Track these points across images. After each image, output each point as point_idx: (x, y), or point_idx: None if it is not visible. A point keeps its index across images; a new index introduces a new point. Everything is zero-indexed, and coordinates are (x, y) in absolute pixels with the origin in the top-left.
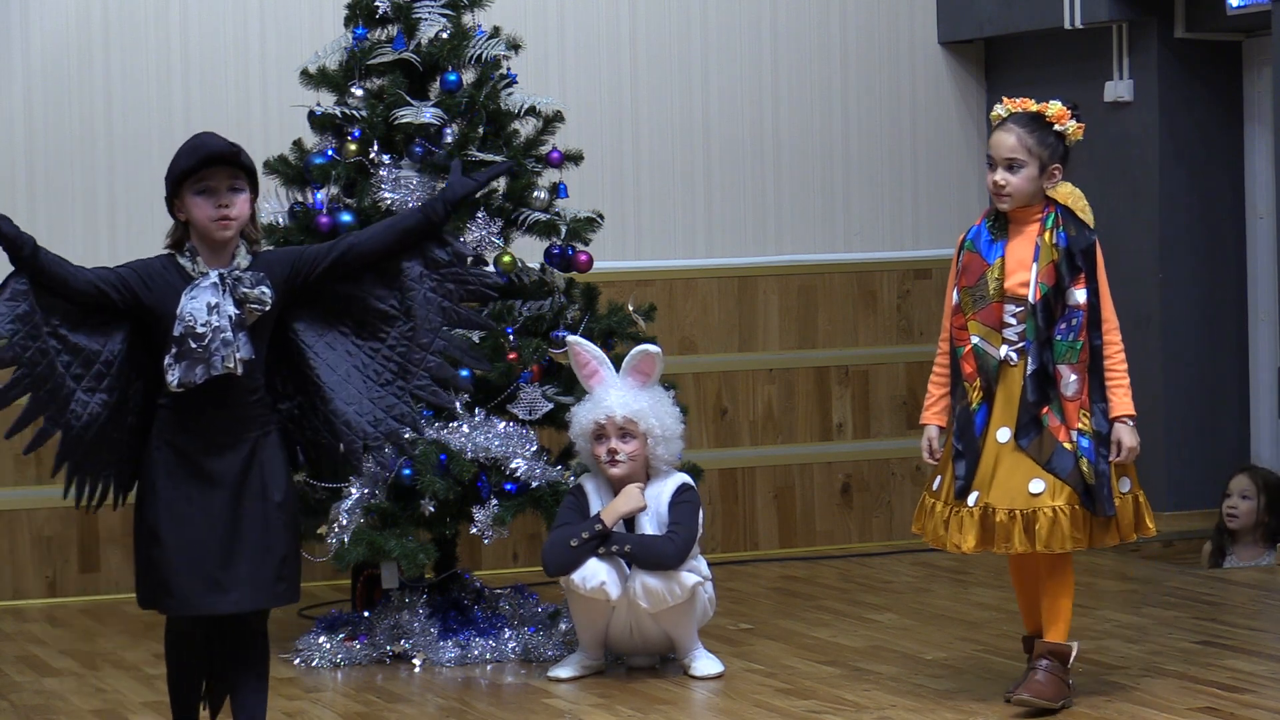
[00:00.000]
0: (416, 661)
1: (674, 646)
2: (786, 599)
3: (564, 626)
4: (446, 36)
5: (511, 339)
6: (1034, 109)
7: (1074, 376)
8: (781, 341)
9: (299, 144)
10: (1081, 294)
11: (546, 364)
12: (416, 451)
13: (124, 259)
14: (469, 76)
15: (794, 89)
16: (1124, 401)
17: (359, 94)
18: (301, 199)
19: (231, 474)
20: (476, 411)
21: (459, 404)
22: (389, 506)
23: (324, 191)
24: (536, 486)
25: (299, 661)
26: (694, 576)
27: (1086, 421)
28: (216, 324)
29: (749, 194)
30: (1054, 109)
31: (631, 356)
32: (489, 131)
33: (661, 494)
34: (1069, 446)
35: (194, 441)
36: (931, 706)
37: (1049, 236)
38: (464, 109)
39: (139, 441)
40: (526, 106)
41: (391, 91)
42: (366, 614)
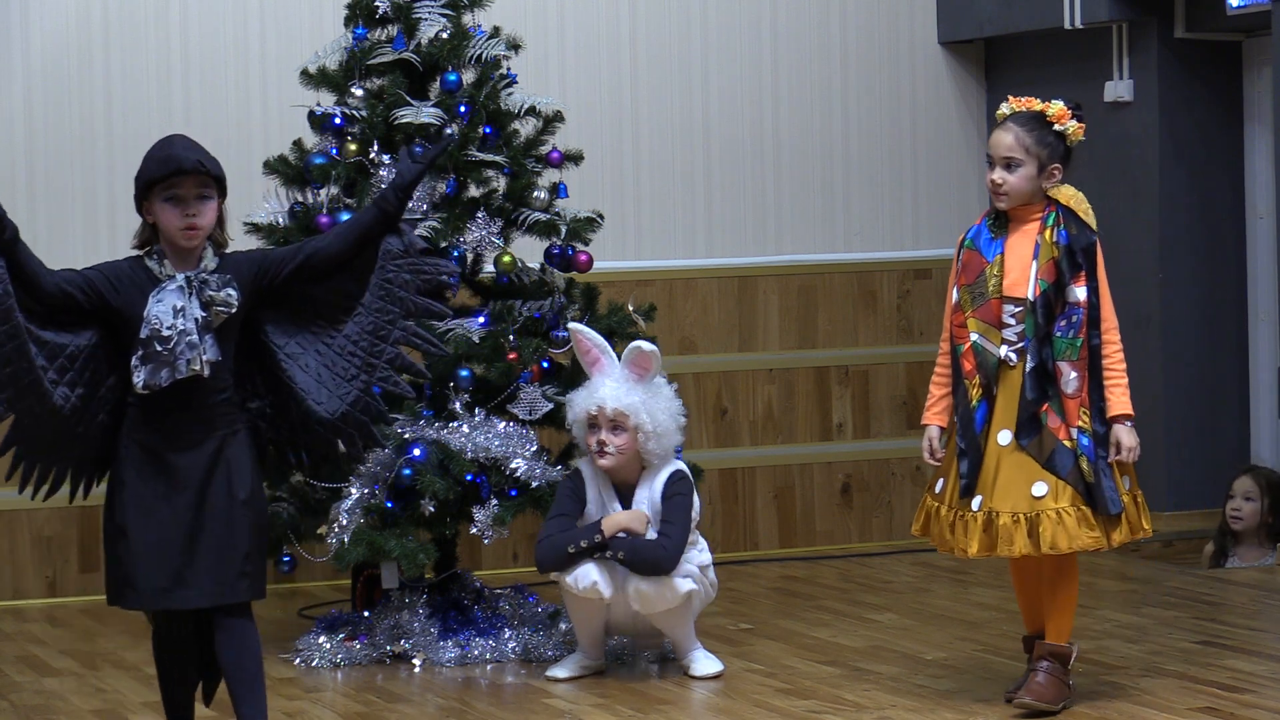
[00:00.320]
0: (416, 661)
1: (673, 645)
2: (786, 599)
3: (564, 626)
4: (446, 36)
5: (511, 339)
6: (1037, 108)
7: (1074, 374)
8: (781, 341)
9: (299, 144)
10: (1082, 291)
11: (546, 364)
12: (386, 444)
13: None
14: (469, 76)
15: (794, 89)
16: (1122, 401)
17: (359, 94)
18: (301, 199)
19: (197, 471)
20: (476, 411)
21: (459, 404)
22: (387, 506)
23: (324, 191)
24: (536, 486)
25: (299, 661)
26: (687, 583)
27: (1086, 420)
28: (182, 327)
29: (749, 194)
30: (1054, 109)
31: (628, 352)
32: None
33: (655, 482)
34: (1069, 445)
35: (161, 439)
36: (931, 706)
37: (1049, 234)
38: (464, 110)
39: (109, 438)
40: (526, 106)
41: (391, 91)
42: (366, 614)
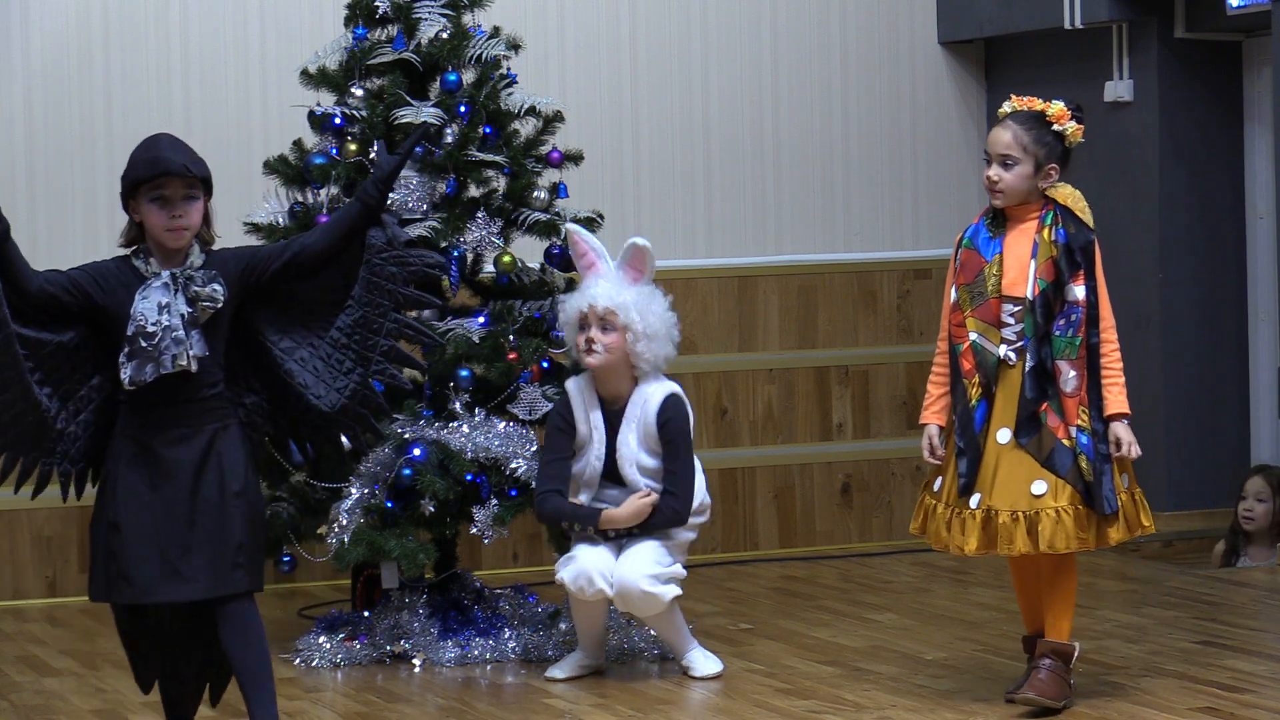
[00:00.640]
0: (416, 661)
1: (668, 646)
2: (786, 599)
3: (564, 626)
4: (446, 36)
5: (511, 339)
6: (1037, 108)
7: (1073, 373)
8: (781, 341)
9: (299, 144)
10: (1080, 290)
11: (546, 364)
12: (384, 436)
13: None
14: (469, 76)
15: (794, 89)
16: (1120, 400)
17: (359, 94)
18: (301, 199)
19: (189, 465)
20: (476, 411)
21: (459, 404)
22: (388, 507)
23: (324, 191)
24: (536, 487)
25: (299, 661)
26: (672, 590)
27: (1085, 418)
28: (167, 323)
29: (749, 194)
30: (1054, 109)
31: (624, 251)
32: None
33: (649, 401)
34: (1068, 444)
35: (153, 434)
36: (931, 706)
37: (1048, 234)
38: (464, 110)
39: (100, 437)
40: (526, 106)
41: (391, 91)
42: (366, 614)
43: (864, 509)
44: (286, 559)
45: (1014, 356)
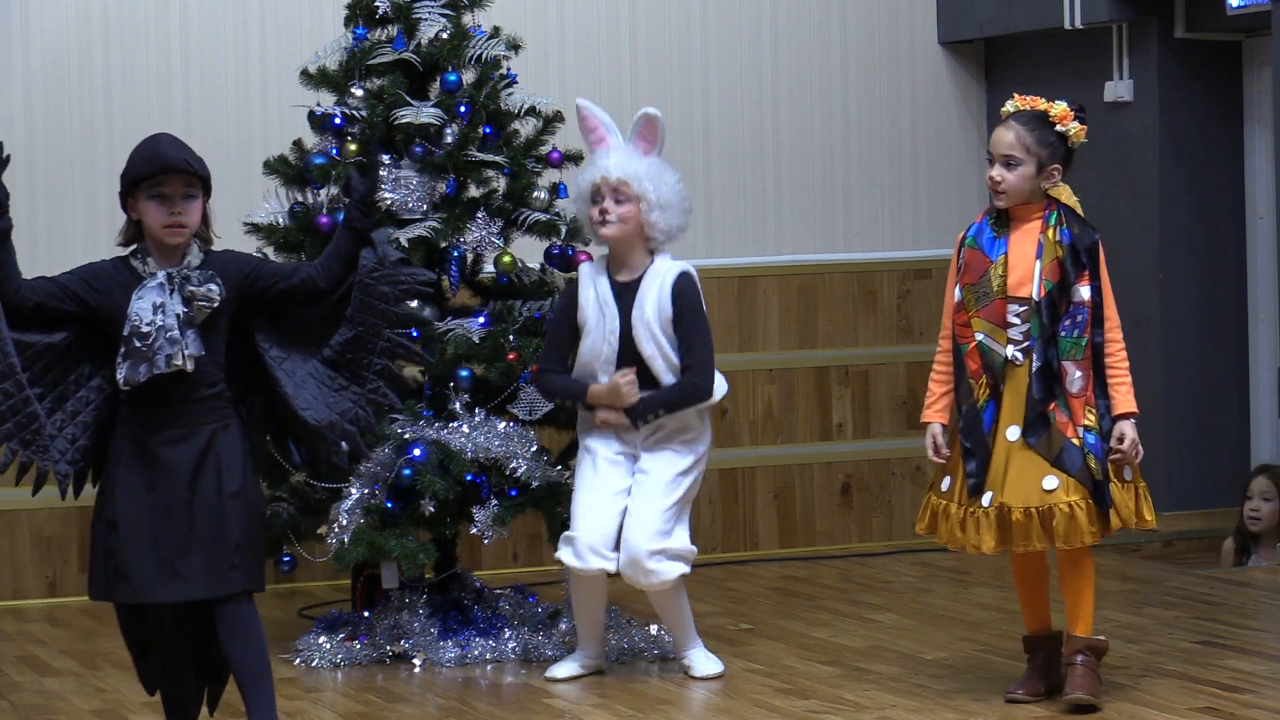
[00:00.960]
0: (416, 661)
1: (670, 636)
2: (786, 599)
3: (564, 626)
4: (446, 36)
5: (511, 339)
6: (1040, 108)
7: (1079, 373)
8: (781, 341)
9: (299, 144)
10: (1086, 290)
11: None
12: (373, 453)
13: None
14: (469, 76)
15: (794, 89)
16: (1127, 399)
17: (359, 94)
18: (301, 199)
19: (187, 464)
20: (476, 411)
21: (459, 404)
22: (389, 507)
23: (324, 191)
24: (536, 486)
25: (299, 661)
26: (678, 567)
27: (1092, 418)
28: (161, 323)
29: (749, 194)
30: (1057, 109)
31: (635, 123)
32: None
33: (663, 278)
34: (1076, 443)
35: (152, 434)
36: (931, 706)
37: (1052, 234)
38: (464, 110)
39: (99, 436)
40: (526, 106)
41: (391, 91)
42: (366, 614)
43: (864, 509)
44: (286, 559)
45: (1021, 357)
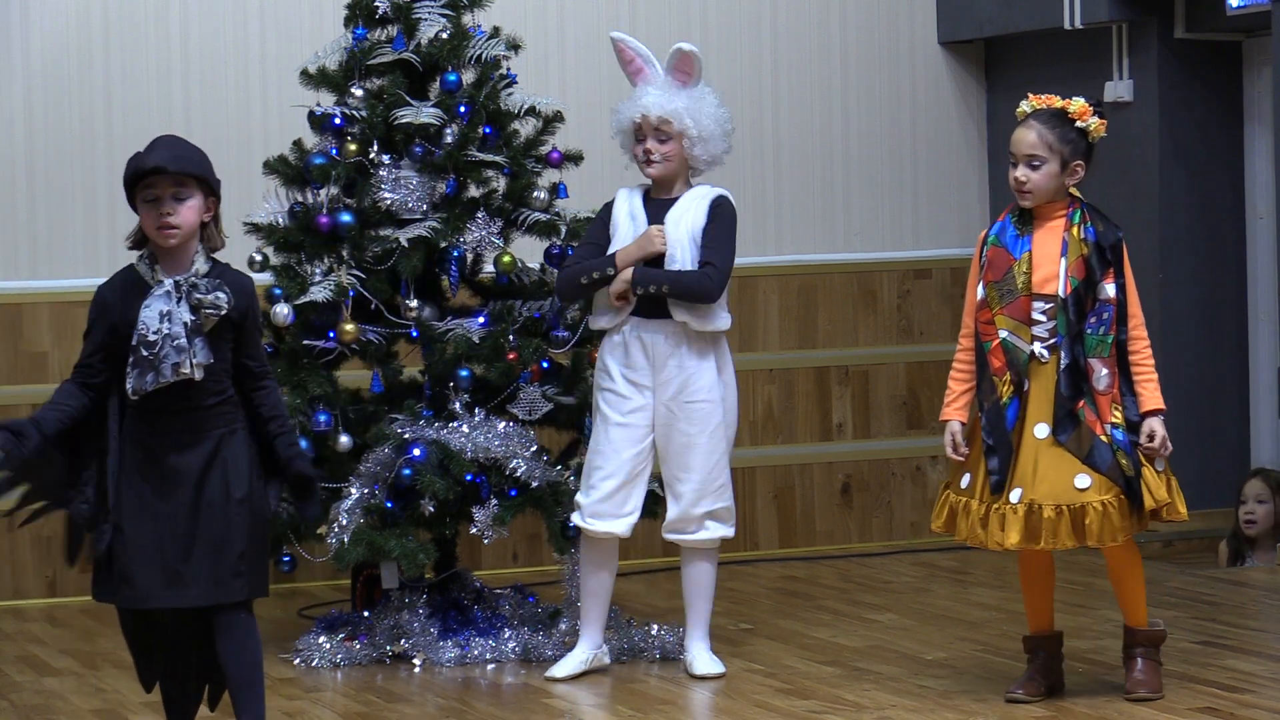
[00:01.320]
0: (416, 661)
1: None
2: (786, 599)
3: (564, 626)
4: (446, 36)
5: (511, 339)
6: (1057, 105)
7: (1105, 370)
8: (781, 341)
9: (299, 144)
10: (1111, 288)
11: (546, 364)
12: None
13: (124, 259)
14: (469, 76)
15: (794, 89)
16: (1154, 396)
17: (359, 94)
18: (301, 199)
19: (193, 471)
20: (476, 411)
21: (459, 404)
22: (388, 507)
23: (324, 191)
24: (536, 486)
25: (299, 661)
26: (725, 530)
27: (1119, 415)
28: (168, 331)
29: (749, 194)
30: (1075, 106)
31: (671, 55)
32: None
33: (705, 198)
34: (1105, 440)
35: (158, 440)
36: (931, 706)
37: (1076, 231)
38: (464, 110)
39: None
40: (526, 106)
41: (391, 91)
42: (366, 614)
43: (864, 509)
44: (286, 559)
45: (1046, 354)
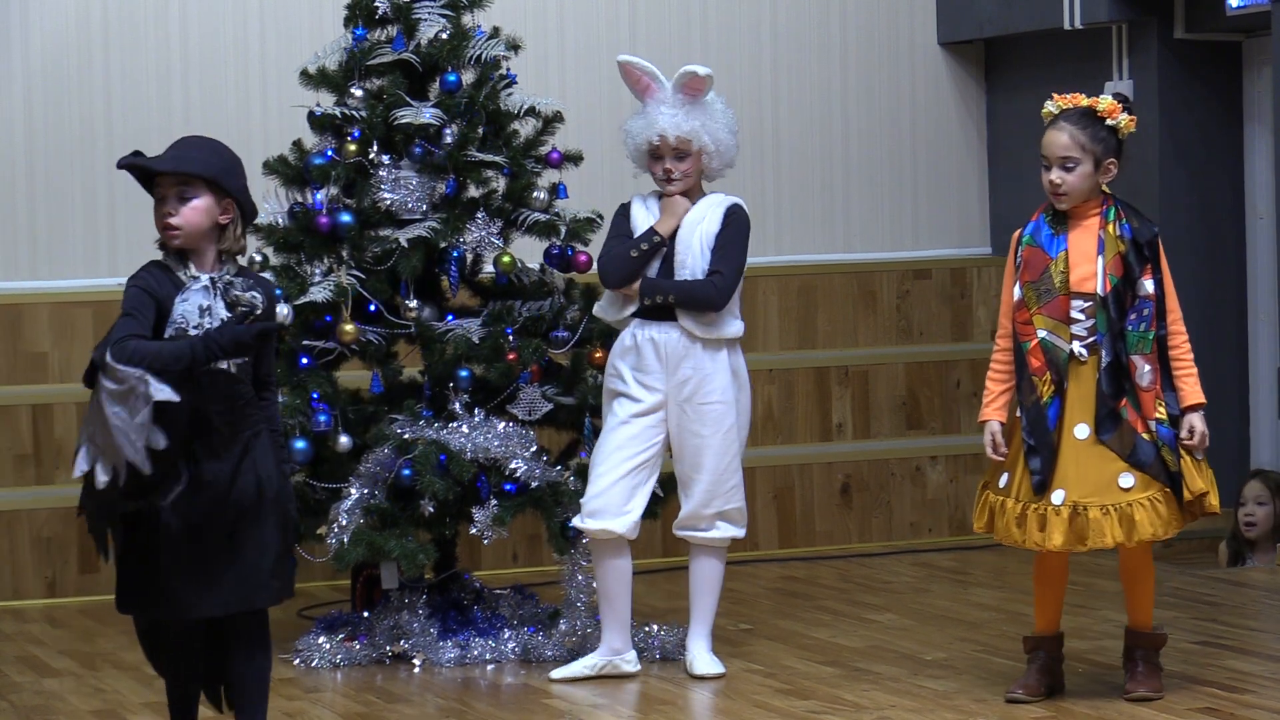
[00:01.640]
0: (416, 661)
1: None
2: (786, 599)
3: (563, 627)
4: (446, 37)
5: (511, 339)
6: (1085, 104)
7: (1147, 367)
8: (781, 342)
9: (299, 144)
10: (1150, 284)
11: (546, 364)
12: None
13: (124, 260)
14: (469, 77)
15: (794, 89)
16: (1195, 391)
17: (359, 94)
18: (301, 199)
19: (225, 474)
20: (476, 411)
21: (458, 404)
22: (388, 507)
23: (324, 192)
24: (536, 487)
25: (299, 662)
26: (733, 530)
27: (1163, 411)
28: (209, 325)
29: (749, 194)
30: (1105, 103)
31: (680, 76)
32: (489, 132)
33: (720, 205)
34: (1148, 437)
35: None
36: (931, 706)
37: (1112, 229)
38: (463, 109)
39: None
40: (526, 107)
41: (391, 92)
42: (366, 614)
43: (864, 509)
44: None
45: (1085, 353)
